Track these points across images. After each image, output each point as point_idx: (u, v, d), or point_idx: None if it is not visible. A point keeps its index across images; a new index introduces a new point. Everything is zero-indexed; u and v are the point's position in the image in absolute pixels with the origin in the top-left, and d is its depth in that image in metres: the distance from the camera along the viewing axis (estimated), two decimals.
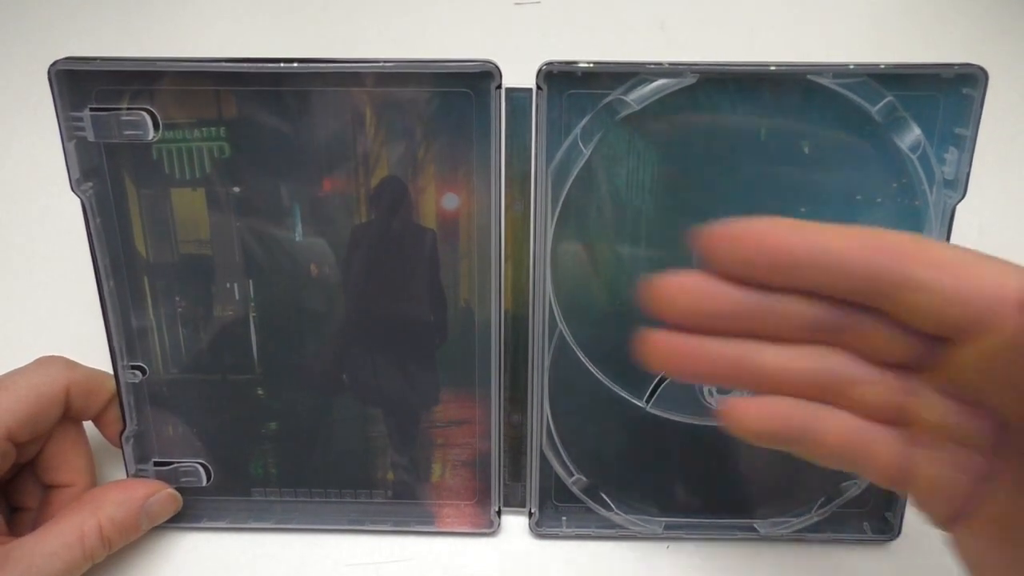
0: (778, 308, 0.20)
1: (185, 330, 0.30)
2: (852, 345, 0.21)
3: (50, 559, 0.27)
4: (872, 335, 0.20)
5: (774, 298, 0.20)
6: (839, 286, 0.20)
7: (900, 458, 0.21)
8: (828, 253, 0.19)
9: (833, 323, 0.20)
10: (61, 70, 0.27)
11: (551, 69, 0.26)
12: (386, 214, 0.29)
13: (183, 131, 0.28)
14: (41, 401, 0.29)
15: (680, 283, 0.21)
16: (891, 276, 0.19)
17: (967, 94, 0.27)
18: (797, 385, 0.21)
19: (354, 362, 0.31)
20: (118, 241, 0.29)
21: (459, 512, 0.32)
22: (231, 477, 0.32)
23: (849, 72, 0.26)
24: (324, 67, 0.27)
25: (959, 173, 0.28)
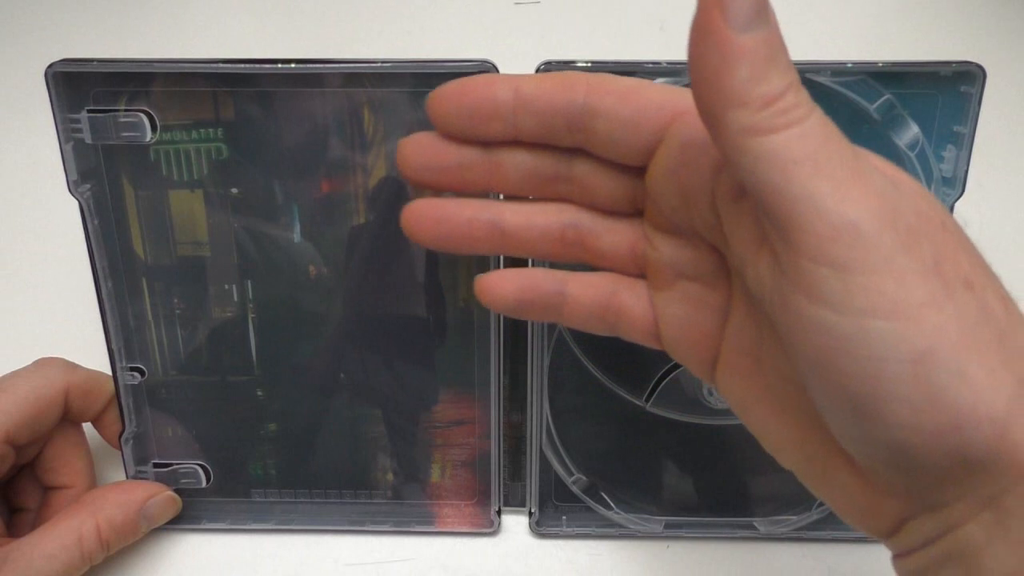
0: (500, 159, 0.22)
1: (184, 331, 0.30)
2: (580, 197, 0.23)
3: (48, 561, 0.27)
4: (591, 181, 0.22)
5: (495, 151, 0.22)
6: (543, 129, 0.21)
7: (649, 308, 0.23)
8: (523, 95, 0.21)
9: (552, 170, 0.22)
10: (58, 72, 0.26)
11: (549, 69, 0.26)
12: (384, 214, 0.29)
13: (181, 132, 0.28)
14: (40, 403, 0.29)
15: (413, 141, 0.22)
16: (578, 109, 0.21)
17: (965, 92, 0.27)
18: (540, 242, 0.23)
19: (353, 363, 0.31)
20: (116, 243, 0.29)
21: (459, 512, 0.32)
22: (231, 478, 0.32)
23: (847, 70, 0.26)
24: (322, 68, 0.27)
25: (957, 171, 0.28)
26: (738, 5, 0.17)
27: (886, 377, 0.17)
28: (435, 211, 0.23)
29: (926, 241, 0.17)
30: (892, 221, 0.17)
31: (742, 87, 0.17)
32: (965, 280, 0.17)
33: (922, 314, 0.16)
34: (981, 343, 0.17)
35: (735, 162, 0.18)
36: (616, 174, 0.22)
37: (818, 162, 0.17)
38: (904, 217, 0.17)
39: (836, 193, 0.17)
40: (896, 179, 0.18)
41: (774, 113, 0.17)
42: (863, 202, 0.17)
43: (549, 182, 0.22)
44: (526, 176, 0.22)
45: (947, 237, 0.18)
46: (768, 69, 0.17)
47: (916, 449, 0.17)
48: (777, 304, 0.18)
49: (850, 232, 0.16)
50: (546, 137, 0.22)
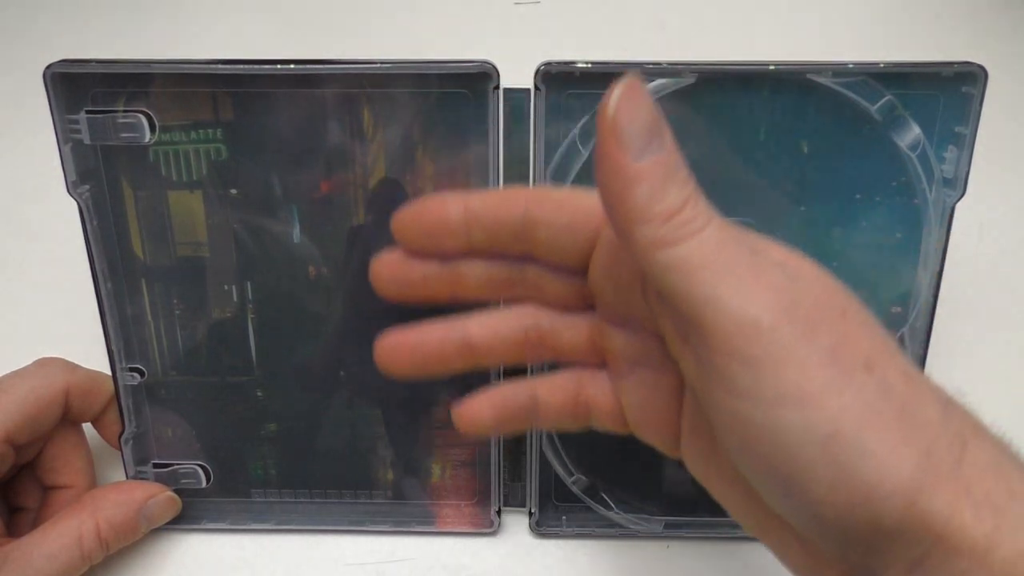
0: (459, 270, 0.24)
1: (183, 332, 0.30)
2: (536, 297, 0.24)
3: (48, 560, 0.27)
4: (542, 283, 0.24)
5: (454, 263, 0.24)
6: (493, 240, 0.23)
7: (613, 397, 0.24)
8: (471, 212, 0.23)
9: (507, 276, 0.24)
10: (57, 72, 0.26)
11: (549, 69, 0.26)
12: (383, 215, 0.29)
13: (180, 133, 0.28)
14: (40, 403, 0.29)
15: (383, 261, 0.24)
16: (520, 220, 0.22)
17: (967, 92, 0.27)
18: (507, 349, 0.24)
19: (353, 363, 0.31)
20: (115, 243, 0.29)
21: (459, 512, 0.32)
22: (231, 478, 0.32)
23: (848, 71, 0.26)
24: (321, 68, 0.26)
25: (958, 172, 0.28)
26: (632, 134, 0.18)
27: (801, 459, 0.18)
28: (407, 340, 0.24)
29: (824, 329, 0.18)
30: (790, 314, 0.18)
31: (643, 206, 0.19)
32: (865, 362, 0.18)
33: (824, 400, 0.18)
34: (882, 421, 0.18)
35: (646, 271, 0.19)
36: (563, 276, 0.24)
37: (718, 266, 0.18)
38: (802, 308, 0.18)
39: (737, 293, 0.18)
40: (796, 270, 0.20)
41: (674, 227, 0.19)
42: (762, 299, 0.18)
43: (505, 286, 0.24)
44: (484, 283, 0.24)
45: (846, 322, 0.19)
46: (665, 188, 0.19)
47: (837, 522, 0.18)
48: (701, 395, 0.20)
49: (752, 328, 0.18)
50: (497, 247, 0.23)
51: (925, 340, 0.30)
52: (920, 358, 0.30)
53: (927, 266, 0.29)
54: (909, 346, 0.30)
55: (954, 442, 0.18)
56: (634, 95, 0.19)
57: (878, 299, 0.30)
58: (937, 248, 0.29)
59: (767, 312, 0.18)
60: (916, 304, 0.29)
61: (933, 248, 0.29)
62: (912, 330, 0.30)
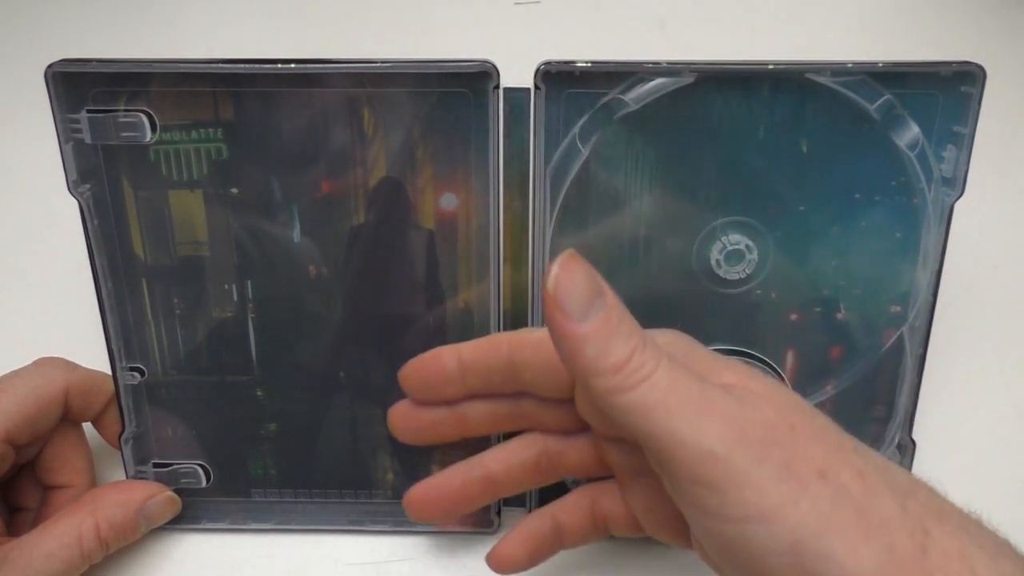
0: (463, 412, 0.27)
1: (183, 332, 0.30)
2: (536, 426, 0.27)
3: (48, 560, 0.27)
4: (539, 414, 0.26)
5: (458, 406, 0.27)
6: (487, 384, 0.26)
7: (625, 505, 0.26)
8: (464, 362, 0.26)
9: (506, 411, 0.27)
10: (58, 72, 0.26)
11: (549, 69, 0.26)
12: (384, 215, 0.29)
13: (180, 132, 0.28)
14: (40, 403, 0.29)
15: (395, 411, 0.28)
16: (505, 364, 0.25)
17: (965, 92, 0.27)
18: (524, 477, 0.27)
19: (353, 363, 0.31)
20: (116, 243, 0.29)
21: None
22: (231, 478, 0.32)
23: (847, 70, 0.26)
24: (321, 68, 0.27)
25: (957, 171, 0.28)
26: (573, 302, 0.20)
27: (771, 566, 0.20)
28: (434, 491, 0.27)
29: (776, 447, 0.20)
30: (741, 440, 0.20)
31: (593, 363, 0.21)
32: (818, 471, 0.20)
33: (784, 513, 0.19)
34: (840, 525, 0.19)
35: (609, 415, 0.21)
36: (556, 405, 0.26)
37: (670, 406, 0.20)
38: (752, 432, 0.20)
39: (691, 428, 0.20)
40: (744, 391, 0.22)
41: (624, 376, 0.20)
42: (714, 430, 0.20)
43: (507, 420, 0.27)
44: (487, 421, 0.27)
45: (796, 436, 0.21)
46: (611, 344, 0.21)
47: None
48: (686, 516, 0.22)
49: (710, 457, 0.20)
50: (491, 389, 0.26)
51: (924, 339, 0.30)
52: (920, 357, 0.30)
53: (926, 265, 0.29)
54: (908, 345, 0.30)
55: (915, 533, 0.19)
56: (570, 267, 0.20)
57: (877, 298, 0.30)
58: (936, 247, 0.29)
59: (720, 442, 0.20)
60: (915, 303, 0.29)
61: (932, 247, 0.29)
62: (911, 329, 0.30)
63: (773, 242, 0.29)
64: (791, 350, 0.30)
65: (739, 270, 0.29)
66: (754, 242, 0.29)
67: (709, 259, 0.29)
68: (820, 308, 0.30)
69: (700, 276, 0.30)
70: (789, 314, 0.30)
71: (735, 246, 0.29)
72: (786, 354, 0.30)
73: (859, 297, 0.30)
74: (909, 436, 0.31)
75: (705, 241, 0.29)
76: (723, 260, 0.29)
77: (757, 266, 0.29)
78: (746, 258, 0.29)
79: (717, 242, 0.29)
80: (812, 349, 0.30)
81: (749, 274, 0.29)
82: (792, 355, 0.31)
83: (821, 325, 0.30)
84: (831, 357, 0.30)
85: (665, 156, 0.28)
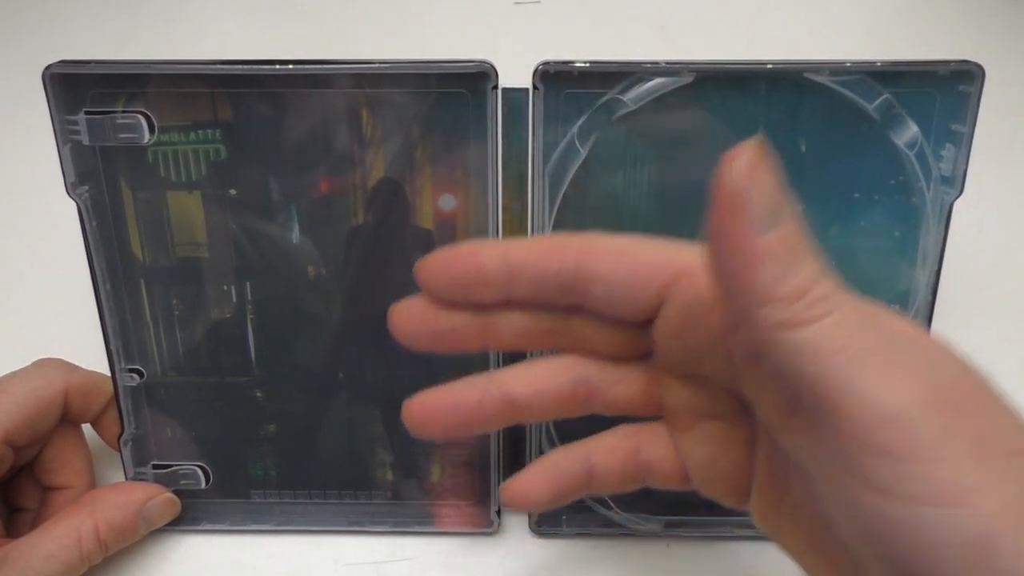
0: (494, 320, 0.22)
1: (182, 333, 0.30)
2: (581, 348, 0.22)
3: (47, 561, 0.27)
4: (592, 335, 0.22)
5: (488, 313, 0.22)
6: (537, 293, 0.21)
7: (673, 455, 0.23)
8: (513, 263, 0.21)
9: (548, 326, 0.22)
10: (56, 73, 0.26)
11: (547, 69, 0.26)
12: (383, 215, 0.29)
13: (179, 134, 0.28)
14: (39, 404, 0.29)
15: (403, 309, 0.22)
16: (571, 274, 0.21)
17: (964, 91, 0.27)
18: (553, 406, 0.22)
19: (352, 363, 0.31)
20: (114, 244, 0.29)
21: (459, 512, 0.32)
22: (230, 479, 0.32)
23: (845, 70, 0.26)
24: (319, 68, 0.27)
25: (956, 170, 0.28)
26: (756, 206, 0.17)
27: (943, 560, 0.16)
28: (442, 402, 0.22)
29: (969, 419, 0.17)
30: (936, 405, 0.16)
31: (769, 286, 0.17)
32: (1011, 450, 0.17)
33: (977, 498, 0.16)
34: None
35: (767, 355, 0.17)
36: (618, 329, 0.22)
37: (855, 351, 0.17)
38: (946, 398, 0.17)
39: (877, 382, 0.16)
40: (932, 353, 0.18)
41: (804, 307, 0.17)
42: (905, 389, 0.16)
43: (546, 337, 0.22)
44: (521, 335, 0.22)
45: (988, 407, 0.17)
46: (793, 264, 0.17)
47: None
48: (822, 481, 0.18)
49: (896, 421, 0.16)
50: (540, 300, 0.21)
51: None
52: None
53: (925, 264, 0.29)
54: None
55: None
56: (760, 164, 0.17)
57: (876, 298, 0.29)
58: (935, 246, 0.29)
59: (913, 403, 0.16)
60: (915, 302, 0.29)
61: (931, 246, 0.29)
62: None
63: None
64: None
65: None
66: None
67: None
68: None
69: None
70: None
71: None
72: None
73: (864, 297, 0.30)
74: None
75: None
76: None
77: None
78: None
79: None
80: None
81: None
82: None
83: None
84: None
85: (664, 156, 0.28)
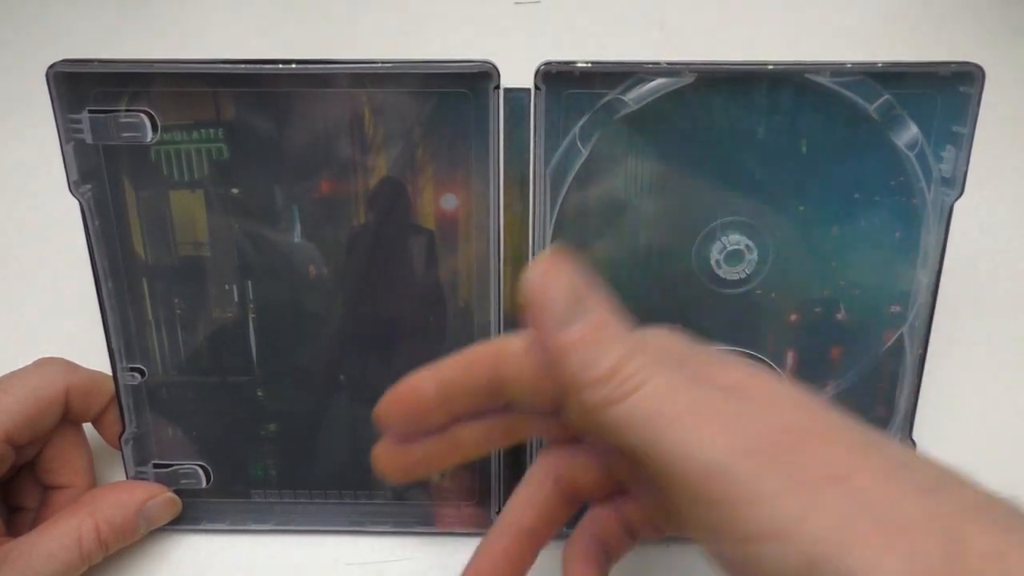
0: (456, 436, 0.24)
1: (184, 332, 0.30)
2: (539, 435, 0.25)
3: (47, 560, 0.27)
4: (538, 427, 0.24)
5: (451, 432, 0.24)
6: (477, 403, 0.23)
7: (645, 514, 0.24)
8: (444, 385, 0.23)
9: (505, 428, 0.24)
10: (59, 72, 0.27)
11: (549, 69, 0.26)
12: (384, 215, 0.29)
13: (181, 133, 0.28)
14: (40, 403, 0.29)
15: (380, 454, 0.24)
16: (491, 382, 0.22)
17: (964, 92, 0.27)
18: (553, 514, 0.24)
19: (353, 363, 0.31)
20: (116, 243, 0.29)
21: (459, 512, 0.32)
22: (231, 479, 0.32)
23: (846, 71, 0.27)
24: (322, 68, 0.27)
25: (957, 171, 0.28)
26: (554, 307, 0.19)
27: None
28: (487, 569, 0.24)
29: (784, 455, 0.18)
30: (747, 451, 0.18)
31: (579, 373, 0.19)
32: (832, 476, 0.18)
33: (796, 529, 0.17)
34: (858, 537, 0.17)
35: (598, 433, 0.19)
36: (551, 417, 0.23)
37: (665, 416, 0.18)
38: (758, 440, 0.18)
39: (689, 440, 0.18)
40: (747, 391, 0.19)
41: (616, 385, 0.19)
42: (716, 441, 0.18)
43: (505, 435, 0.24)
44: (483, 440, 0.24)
45: (806, 439, 0.18)
46: (599, 352, 0.19)
47: None
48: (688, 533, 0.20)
49: (712, 472, 0.18)
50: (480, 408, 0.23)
51: (924, 339, 0.30)
52: (920, 357, 0.30)
53: (926, 265, 0.29)
54: (908, 345, 0.30)
55: (943, 535, 0.17)
56: (554, 267, 0.19)
57: (877, 298, 0.30)
58: (936, 247, 0.29)
59: (724, 454, 0.18)
60: (915, 303, 0.30)
61: (932, 247, 0.29)
62: (911, 329, 0.30)
63: (773, 242, 0.29)
64: (791, 350, 0.30)
65: (739, 270, 0.29)
66: (754, 242, 0.29)
67: (709, 259, 0.29)
68: (820, 308, 0.30)
69: (700, 276, 0.30)
70: (789, 314, 0.30)
71: (735, 246, 0.29)
72: (786, 354, 0.30)
73: (859, 297, 0.30)
74: (909, 436, 0.31)
75: (705, 241, 0.29)
76: (723, 260, 0.29)
77: (757, 266, 0.29)
78: (746, 258, 0.29)
79: (717, 242, 0.29)
80: (812, 349, 0.30)
81: (749, 274, 0.29)
82: (792, 355, 0.31)
83: (821, 325, 0.30)
84: (831, 357, 0.30)
85: (665, 156, 0.28)
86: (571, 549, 0.25)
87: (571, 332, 0.19)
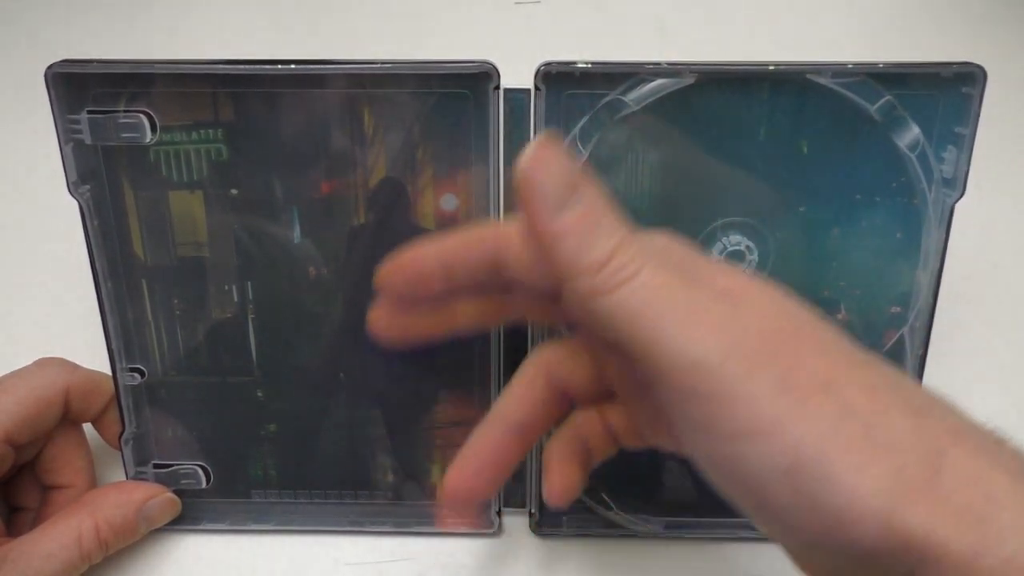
0: (451, 308, 0.25)
1: (183, 332, 0.30)
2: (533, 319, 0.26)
3: (47, 560, 0.27)
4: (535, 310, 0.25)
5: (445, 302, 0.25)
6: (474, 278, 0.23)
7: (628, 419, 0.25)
8: (446, 259, 0.23)
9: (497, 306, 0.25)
10: (58, 72, 0.26)
11: (549, 70, 0.26)
12: (384, 215, 0.29)
13: (180, 133, 0.28)
14: (40, 403, 0.29)
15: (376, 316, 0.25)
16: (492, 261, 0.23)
17: (966, 93, 0.27)
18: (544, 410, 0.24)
19: (353, 363, 0.31)
20: (116, 244, 0.29)
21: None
22: (231, 479, 0.32)
23: (848, 71, 0.26)
24: (321, 69, 0.27)
25: (958, 172, 0.28)
26: (549, 191, 0.19)
27: (768, 489, 0.18)
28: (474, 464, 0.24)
29: (775, 357, 0.18)
30: (736, 348, 0.18)
31: (571, 260, 0.19)
32: (821, 384, 0.18)
33: (780, 429, 0.17)
34: (843, 445, 0.17)
35: (588, 322, 0.19)
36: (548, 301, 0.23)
37: (656, 310, 0.18)
38: (749, 340, 0.18)
39: (678, 335, 0.18)
40: (742, 295, 0.20)
41: (607, 275, 0.19)
42: (705, 338, 0.18)
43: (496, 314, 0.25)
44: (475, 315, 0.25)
45: (799, 344, 0.19)
46: (591, 240, 0.19)
47: (815, 545, 0.18)
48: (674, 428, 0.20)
49: (699, 368, 0.18)
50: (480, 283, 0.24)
51: (925, 340, 0.30)
52: (920, 358, 0.30)
53: (927, 266, 0.29)
54: (909, 346, 0.30)
55: (928, 453, 0.17)
56: (547, 152, 0.19)
57: (878, 299, 0.30)
58: (937, 248, 0.29)
59: (712, 351, 0.18)
60: (916, 304, 0.29)
61: (933, 248, 0.29)
62: (912, 330, 0.30)
63: (773, 243, 0.29)
64: None
65: None
66: (754, 243, 0.29)
67: None
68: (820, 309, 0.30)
69: None
70: None
71: (735, 247, 0.29)
72: None
73: (859, 298, 0.30)
74: None
75: (705, 242, 0.29)
76: (724, 261, 0.29)
77: (757, 267, 0.29)
78: (746, 258, 0.29)
79: (717, 242, 0.29)
80: None
81: None
82: None
83: None
84: None
85: (665, 157, 0.28)
86: (554, 445, 0.25)
87: (564, 219, 0.19)
